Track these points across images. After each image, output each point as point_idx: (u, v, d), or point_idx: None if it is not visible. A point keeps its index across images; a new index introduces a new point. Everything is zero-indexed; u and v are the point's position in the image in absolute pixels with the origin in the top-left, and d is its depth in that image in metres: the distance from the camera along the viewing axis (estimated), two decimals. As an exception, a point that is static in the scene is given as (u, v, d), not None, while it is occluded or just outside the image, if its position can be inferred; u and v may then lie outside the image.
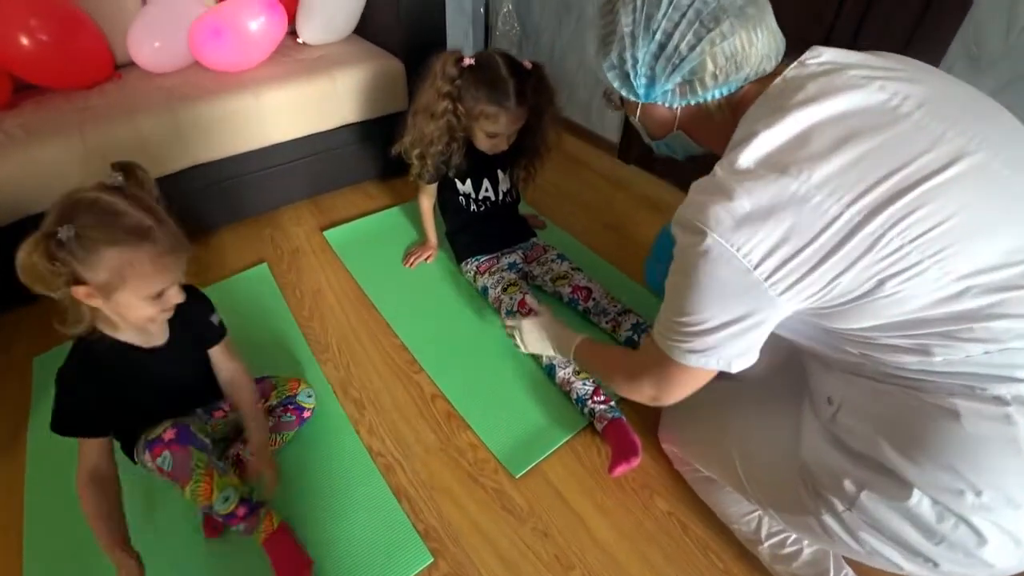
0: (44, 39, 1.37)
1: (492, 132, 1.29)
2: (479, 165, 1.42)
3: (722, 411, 0.95)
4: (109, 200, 0.75)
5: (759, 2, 0.65)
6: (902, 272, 0.55)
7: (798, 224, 0.56)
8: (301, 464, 1.10)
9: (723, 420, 0.95)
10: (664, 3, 0.64)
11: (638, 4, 0.65)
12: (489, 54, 1.27)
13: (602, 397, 1.15)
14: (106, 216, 0.74)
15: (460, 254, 1.53)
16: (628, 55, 0.68)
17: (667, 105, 0.71)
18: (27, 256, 0.71)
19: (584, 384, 1.17)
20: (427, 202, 1.56)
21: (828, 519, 0.71)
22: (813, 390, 0.79)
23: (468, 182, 1.45)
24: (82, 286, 0.75)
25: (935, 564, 0.64)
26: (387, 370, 1.31)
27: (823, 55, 0.64)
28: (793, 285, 0.58)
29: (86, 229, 0.72)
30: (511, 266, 1.47)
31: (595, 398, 1.15)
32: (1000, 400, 0.58)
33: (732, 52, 0.64)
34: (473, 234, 1.52)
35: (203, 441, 0.91)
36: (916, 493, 0.62)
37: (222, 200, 1.65)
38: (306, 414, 1.13)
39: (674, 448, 1.07)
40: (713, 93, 0.68)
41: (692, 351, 0.68)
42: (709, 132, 0.73)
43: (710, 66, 0.65)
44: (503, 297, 1.37)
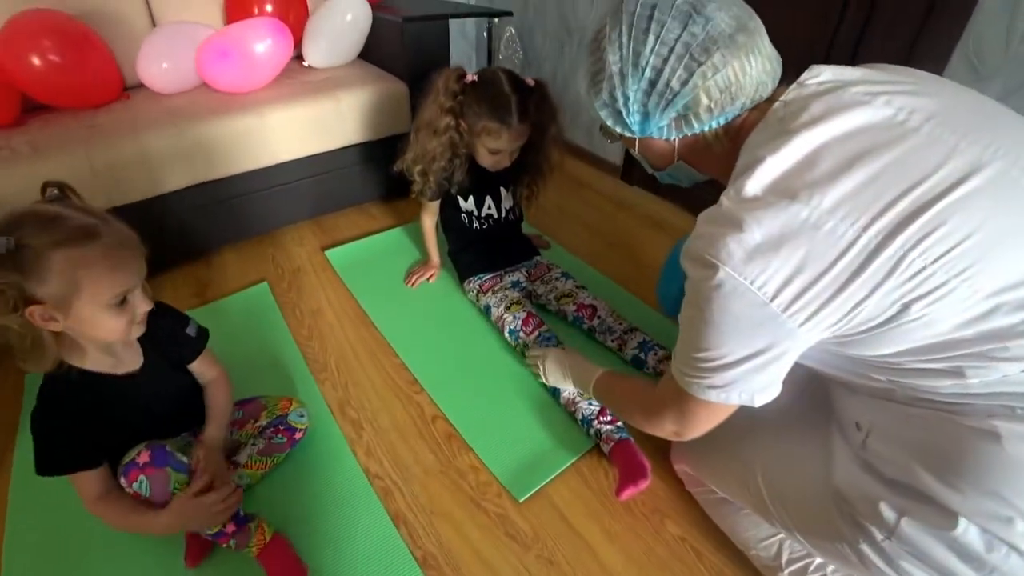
0: (55, 59, 1.39)
1: (494, 148, 1.28)
2: (481, 182, 1.41)
3: (741, 430, 0.90)
4: (47, 207, 0.71)
5: (749, 27, 0.62)
6: (928, 294, 0.52)
7: (812, 252, 0.54)
8: (294, 486, 1.06)
9: (743, 439, 0.90)
10: (651, 38, 0.62)
11: (624, 41, 0.64)
12: (492, 70, 1.27)
13: (608, 417, 1.11)
14: (47, 222, 0.69)
15: (463, 273, 1.51)
16: (619, 93, 0.67)
17: (663, 139, 0.70)
18: None
19: (590, 404, 1.13)
20: (429, 221, 1.55)
21: (865, 548, 0.66)
22: (839, 415, 0.76)
23: (470, 199, 1.44)
24: (36, 306, 0.69)
25: None
26: (387, 390, 1.28)
27: (822, 74, 0.62)
28: (813, 315, 0.56)
29: (27, 237, 0.67)
30: (515, 285, 1.44)
31: (601, 418, 1.11)
32: None
33: (726, 84, 0.62)
34: (476, 252, 1.50)
35: (181, 461, 0.86)
36: (962, 522, 0.57)
37: (225, 219, 1.64)
38: (298, 435, 1.08)
39: (687, 468, 1.02)
40: (710, 124, 0.66)
41: (712, 387, 0.65)
42: (709, 161, 0.72)
43: (704, 100, 0.63)
44: (506, 316, 1.34)
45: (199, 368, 1.00)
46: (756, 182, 0.57)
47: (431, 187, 1.37)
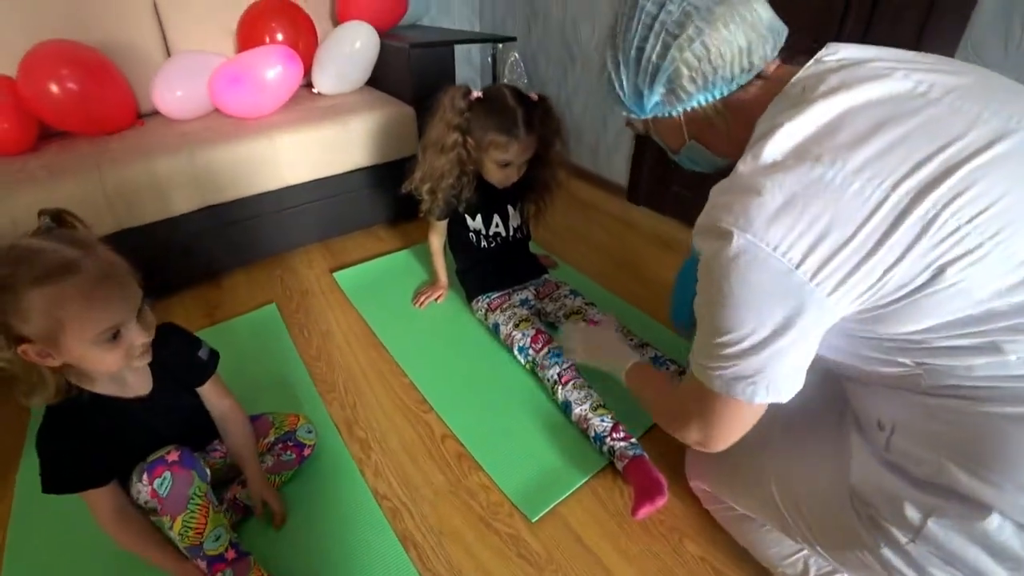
0: (73, 87, 1.42)
1: (503, 161, 1.29)
2: (489, 200, 1.42)
3: (755, 440, 0.88)
4: (28, 243, 0.69)
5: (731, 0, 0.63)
6: (963, 257, 0.50)
7: (839, 215, 0.52)
8: (301, 508, 1.03)
9: (757, 450, 0.87)
10: (634, 23, 0.66)
11: (617, 35, 0.69)
12: (496, 87, 1.30)
13: (621, 434, 1.09)
14: (23, 258, 0.67)
15: (471, 292, 1.51)
16: (615, 81, 0.72)
17: (663, 116, 0.72)
18: None
19: (602, 420, 1.11)
20: (437, 241, 1.55)
21: (888, 553, 0.63)
22: (859, 415, 0.72)
23: (478, 218, 1.44)
24: (28, 344, 0.68)
25: None
26: (395, 410, 1.26)
27: (840, 51, 0.62)
28: (843, 282, 0.53)
29: (5, 277, 0.66)
30: (523, 303, 1.43)
31: (614, 435, 1.09)
32: None
33: (703, 53, 0.63)
34: (484, 271, 1.50)
35: (205, 470, 0.86)
36: (996, 518, 0.54)
37: (235, 241, 1.66)
38: (306, 451, 1.07)
39: (703, 484, 0.99)
40: (700, 98, 0.67)
41: (736, 378, 0.61)
42: (718, 139, 0.72)
43: (684, 71, 0.65)
44: (515, 333, 1.33)
45: (209, 393, 0.98)
46: (775, 147, 0.56)
47: (439, 205, 1.38)
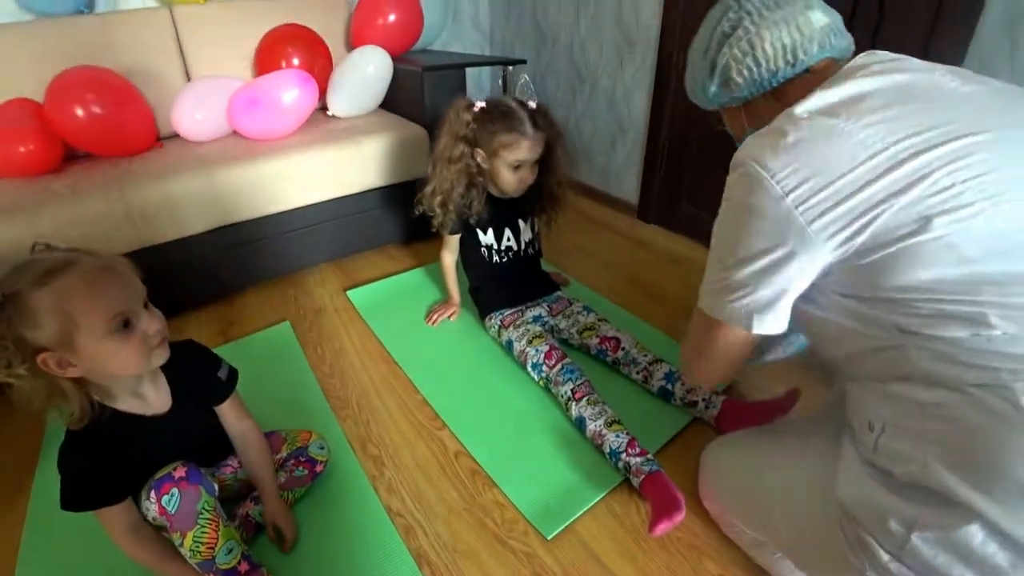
0: (97, 111, 1.46)
1: (516, 161, 1.32)
2: (500, 214, 1.44)
3: (760, 463, 0.88)
4: (26, 259, 0.71)
5: (785, 5, 0.72)
6: (953, 211, 0.53)
7: (839, 154, 0.57)
8: (313, 524, 1.02)
9: (761, 472, 0.87)
10: (704, 30, 0.80)
11: (694, 41, 0.82)
12: (496, 97, 1.37)
13: (637, 450, 1.07)
14: (22, 267, 0.69)
15: (484, 309, 1.51)
16: (688, 76, 0.85)
17: (725, 105, 0.82)
18: None
19: (617, 436, 1.10)
20: (449, 258, 1.57)
21: None
22: (853, 418, 0.71)
23: (490, 232, 1.46)
24: (45, 353, 0.69)
25: None
26: (408, 426, 1.25)
27: (884, 54, 0.69)
28: (824, 213, 0.58)
29: (8, 287, 0.67)
30: (536, 319, 1.44)
31: (629, 451, 1.07)
32: None
33: (747, 49, 0.73)
34: (497, 287, 1.50)
35: (212, 485, 0.86)
36: (979, 532, 0.52)
37: (250, 260, 1.68)
38: (319, 468, 1.07)
39: (715, 507, 0.97)
40: (751, 89, 0.76)
41: (720, 296, 0.69)
42: None
43: (733, 64, 0.75)
44: (528, 350, 1.33)
45: (227, 413, 0.98)
46: (806, 106, 0.63)
47: (451, 219, 1.40)
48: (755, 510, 0.87)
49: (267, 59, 1.83)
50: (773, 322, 0.67)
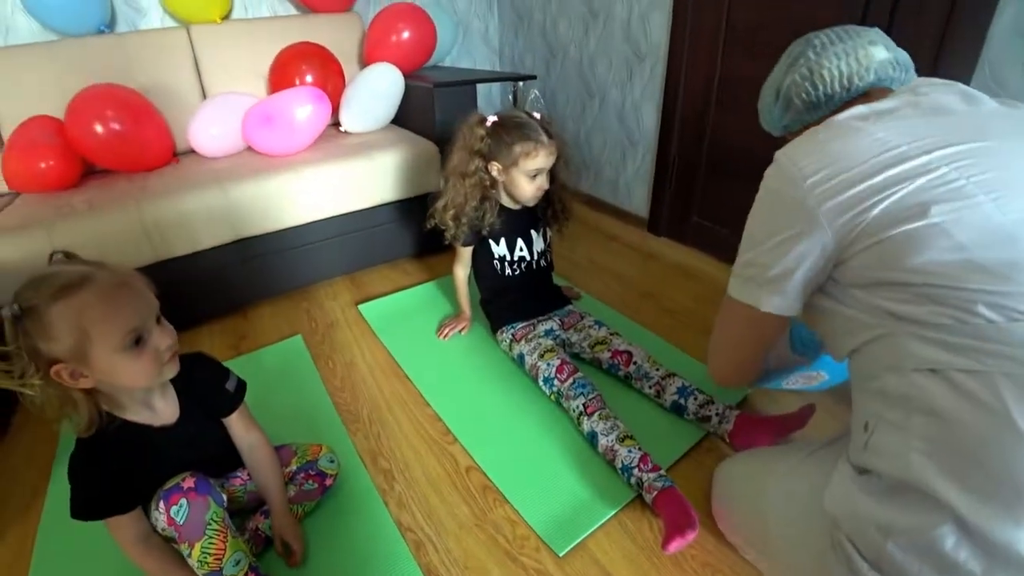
0: (116, 128, 1.50)
1: (534, 169, 1.34)
2: (512, 225, 1.45)
3: (765, 479, 0.87)
4: (40, 271, 0.72)
5: (844, 37, 0.78)
6: (953, 200, 0.56)
7: (856, 149, 0.63)
8: (323, 538, 1.02)
9: (764, 484, 0.86)
10: (780, 63, 0.86)
11: (770, 77, 0.89)
12: (505, 111, 1.39)
13: (649, 465, 1.06)
14: (40, 281, 0.70)
15: (495, 323, 1.51)
16: (761, 103, 0.92)
17: (789, 129, 0.88)
18: None
19: (629, 451, 1.09)
20: (462, 272, 1.57)
21: None
22: (854, 425, 0.71)
23: (502, 243, 1.46)
24: (60, 364, 0.70)
25: None
26: (419, 441, 1.25)
27: (932, 80, 0.75)
28: (832, 196, 0.63)
29: (27, 300, 0.68)
30: (548, 333, 1.43)
31: (642, 466, 1.06)
32: None
33: (807, 75, 0.80)
34: (508, 301, 1.50)
35: (221, 496, 0.86)
36: (951, 536, 0.51)
37: (263, 274, 1.70)
38: (328, 481, 1.06)
39: (725, 524, 0.96)
40: (810, 112, 0.82)
41: (746, 280, 0.75)
42: None
43: (794, 88, 0.82)
44: (540, 364, 1.32)
45: (235, 425, 0.99)
46: (846, 115, 0.70)
47: (464, 231, 1.41)
48: (754, 518, 0.87)
49: (281, 76, 1.86)
50: (781, 302, 0.72)
